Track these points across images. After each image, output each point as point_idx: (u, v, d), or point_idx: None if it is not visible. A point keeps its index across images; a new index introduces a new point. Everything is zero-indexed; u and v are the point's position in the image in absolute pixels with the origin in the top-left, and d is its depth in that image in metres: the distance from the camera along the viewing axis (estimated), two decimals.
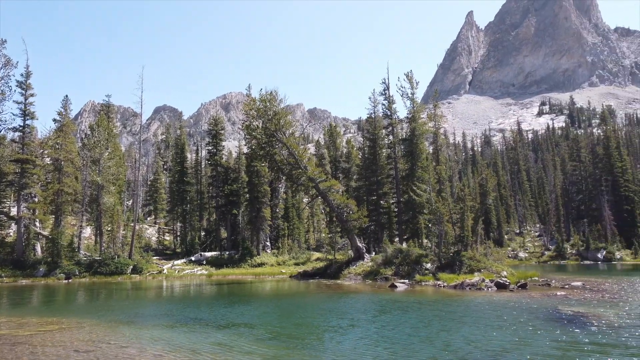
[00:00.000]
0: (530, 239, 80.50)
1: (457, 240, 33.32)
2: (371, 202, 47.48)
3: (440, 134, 54.33)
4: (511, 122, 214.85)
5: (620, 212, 71.83)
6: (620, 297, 21.32)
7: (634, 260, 62.72)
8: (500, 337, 12.60)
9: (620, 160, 75.86)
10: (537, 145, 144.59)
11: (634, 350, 10.61)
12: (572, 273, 41.52)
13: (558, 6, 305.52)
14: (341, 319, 16.14)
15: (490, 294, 23.57)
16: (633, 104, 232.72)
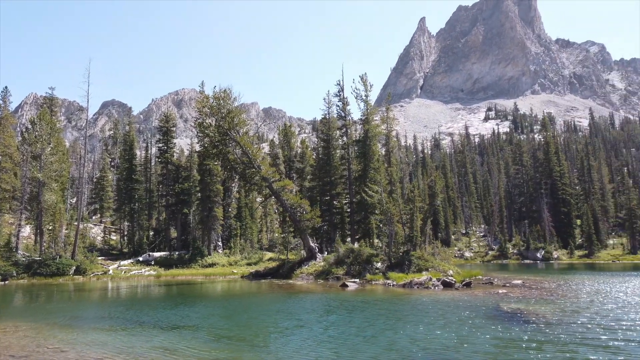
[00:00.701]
0: (475, 239, 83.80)
1: (407, 240, 34.20)
2: (324, 202, 47.84)
3: (392, 136, 55.53)
4: (460, 127, 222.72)
5: (558, 213, 76.19)
6: (557, 295, 22.63)
7: (569, 259, 66.70)
8: (443, 335, 12.93)
9: (559, 165, 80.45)
10: (484, 149, 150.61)
11: (567, 346, 11.21)
12: (513, 272, 43.62)
13: (504, 16, 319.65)
14: (289, 320, 16.13)
15: (437, 292, 24.39)
16: (571, 112, 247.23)
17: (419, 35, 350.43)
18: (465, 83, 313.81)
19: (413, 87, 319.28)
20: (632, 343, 11.40)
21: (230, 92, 37.60)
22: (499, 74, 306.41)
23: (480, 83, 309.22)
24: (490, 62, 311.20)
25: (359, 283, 29.30)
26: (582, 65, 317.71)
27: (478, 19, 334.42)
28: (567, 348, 10.93)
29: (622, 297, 21.51)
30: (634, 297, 21.24)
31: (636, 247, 68.61)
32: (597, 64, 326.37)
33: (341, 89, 47.71)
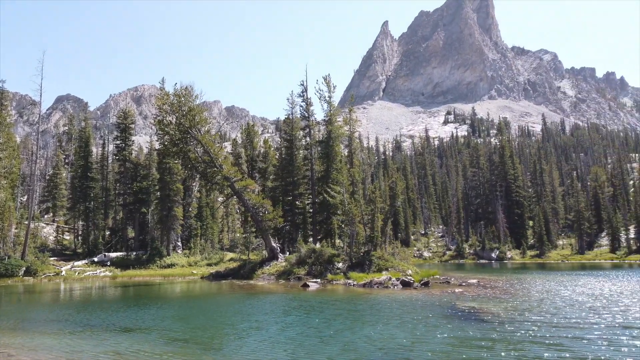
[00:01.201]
0: (434, 239, 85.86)
1: (368, 240, 34.68)
2: (287, 203, 47.80)
3: (355, 137, 56.10)
4: (420, 129, 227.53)
5: (512, 215, 79.17)
6: (510, 294, 23.55)
7: (522, 259, 69.44)
8: (399, 334, 13.11)
9: (513, 168, 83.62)
10: (443, 151, 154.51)
11: (518, 345, 11.62)
12: (469, 271, 45.03)
13: (464, 23, 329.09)
14: (246, 321, 15.99)
15: (396, 291, 24.88)
16: (525, 117, 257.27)
17: (382, 39, 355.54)
18: (426, 87, 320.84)
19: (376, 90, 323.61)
20: (581, 341, 11.91)
21: (192, 89, 37.00)
22: (458, 78, 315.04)
23: (440, 87, 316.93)
24: (450, 67, 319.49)
25: (320, 283, 29.47)
26: (535, 73, 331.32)
27: (439, 24, 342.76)
28: (518, 347, 11.30)
29: (570, 295, 22.62)
30: (581, 296, 22.37)
31: (583, 247, 72.21)
32: (549, 71, 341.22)
33: (305, 89, 47.83)
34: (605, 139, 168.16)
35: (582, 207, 75.90)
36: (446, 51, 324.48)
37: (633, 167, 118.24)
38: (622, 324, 14.09)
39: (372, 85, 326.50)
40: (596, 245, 74.70)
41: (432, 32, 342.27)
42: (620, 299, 20.64)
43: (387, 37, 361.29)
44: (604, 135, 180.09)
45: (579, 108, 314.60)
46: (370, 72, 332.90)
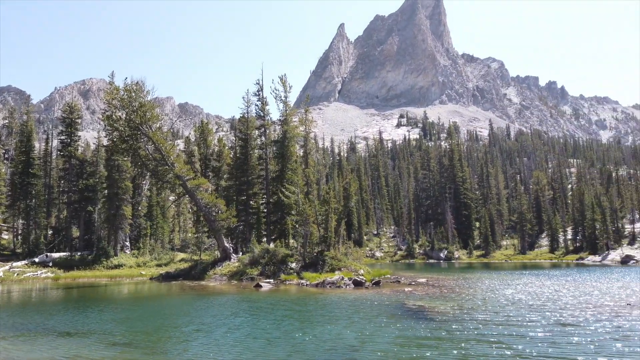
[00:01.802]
0: (385, 240, 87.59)
1: (321, 240, 34.98)
2: (241, 202, 47.33)
3: (310, 138, 56.33)
4: (374, 132, 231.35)
5: (460, 216, 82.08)
6: (456, 292, 24.47)
7: (468, 259, 72.14)
8: (349, 335, 13.27)
9: (462, 171, 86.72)
10: (396, 154, 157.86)
11: (463, 343, 12.07)
12: (419, 271, 46.33)
13: (417, 29, 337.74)
14: (194, 323, 15.66)
15: (348, 291, 25.27)
16: (473, 122, 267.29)
17: (338, 41, 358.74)
18: (381, 90, 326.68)
19: (331, 91, 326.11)
20: (522, 338, 12.50)
21: (143, 84, 35.96)
22: (411, 83, 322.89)
23: (394, 91, 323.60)
24: (403, 72, 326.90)
25: (273, 283, 29.44)
26: (484, 80, 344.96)
27: (393, 29, 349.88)
28: (463, 345, 11.70)
29: (513, 294, 23.78)
30: (522, 294, 23.58)
31: (525, 247, 75.96)
32: (497, 79, 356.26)
33: (260, 88, 47.54)
34: (546, 145, 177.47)
35: (525, 209, 79.83)
36: (400, 56, 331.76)
37: (571, 171, 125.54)
38: (560, 322, 14.90)
39: (328, 87, 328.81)
40: (537, 246, 78.78)
41: (387, 36, 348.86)
42: (558, 297, 21.94)
43: (343, 40, 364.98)
44: (546, 141, 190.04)
45: (523, 115, 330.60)
46: (326, 74, 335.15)
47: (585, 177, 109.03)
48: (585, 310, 17.28)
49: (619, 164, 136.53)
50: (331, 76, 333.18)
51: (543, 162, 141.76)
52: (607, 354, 10.66)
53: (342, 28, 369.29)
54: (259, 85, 47.47)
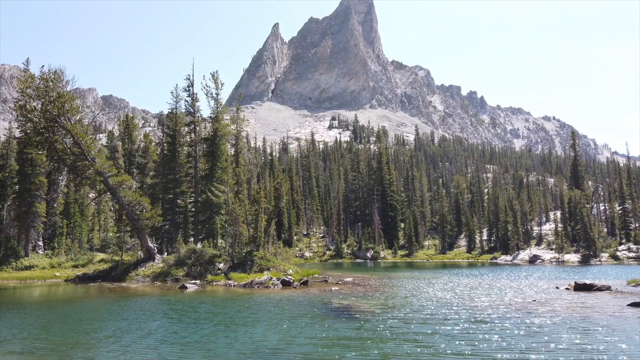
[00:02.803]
0: (315, 240, 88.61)
1: (251, 240, 34.78)
2: (167, 201, 45.79)
3: (242, 137, 55.71)
4: (306, 133, 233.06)
5: (386, 217, 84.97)
6: (381, 291, 25.38)
7: (393, 258, 74.88)
8: (273, 335, 13.25)
9: (389, 173, 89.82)
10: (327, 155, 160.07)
11: (383, 342, 12.44)
12: (346, 270, 47.40)
13: (350, 34, 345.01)
14: (106, 328, 14.86)
15: (276, 291, 25.36)
16: (401, 127, 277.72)
17: (272, 41, 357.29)
18: (314, 92, 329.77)
19: (265, 91, 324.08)
20: (441, 336, 13.14)
21: (62, 73, 33.75)
22: (343, 86, 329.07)
23: (326, 93, 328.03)
24: (336, 75, 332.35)
25: (199, 284, 28.83)
26: (411, 87, 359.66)
27: (327, 32, 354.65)
28: (386, 344, 12.04)
29: (433, 292, 25.10)
30: (442, 292, 24.94)
31: (445, 247, 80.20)
32: (423, 86, 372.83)
33: (191, 84, 46.31)
34: (466, 151, 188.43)
35: (446, 211, 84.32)
36: (333, 59, 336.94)
37: (488, 176, 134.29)
38: (476, 319, 15.86)
39: (261, 86, 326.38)
40: (456, 246, 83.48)
41: (320, 39, 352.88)
42: (475, 295, 23.47)
43: (278, 40, 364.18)
44: (466, 148, 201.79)
45: (447, 122, 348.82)
46: (259, 73, 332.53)
47: (500, 182, 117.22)
48: (497, 308, 18.61)
49: (530, 171, 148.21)
50: (265, 75, 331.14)
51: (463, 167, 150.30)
52: (519, 350, 11.45)
53: (277, 28, 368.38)
54: (189, 80, 46.23)
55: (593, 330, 14.05)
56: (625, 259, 61.08)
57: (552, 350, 11.46)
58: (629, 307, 18.74)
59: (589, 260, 60.45)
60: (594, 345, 11.96)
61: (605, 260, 60.18)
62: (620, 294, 23.19)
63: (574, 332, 13.66)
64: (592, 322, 15.27)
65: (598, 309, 18.38)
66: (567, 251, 64.59)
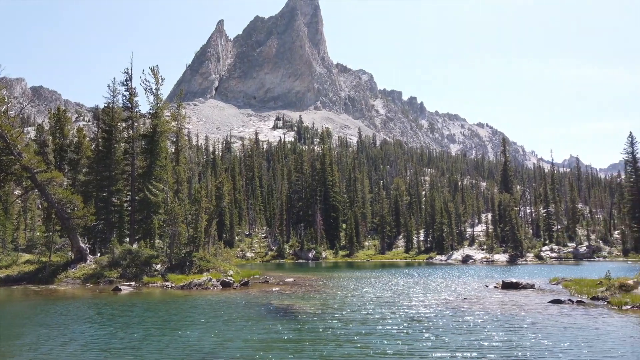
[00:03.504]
0: (257, 240, 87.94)
1: (190, 240, 34.01)
2: (101, 199, 43.73)
3: (183, 134, 54.27)
4: (250, 132, 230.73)
5: (328, 218, 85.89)
6: (321, 291, 25.70)
7: (334, 258, 75.84)
8: (209, 338, 12.95)
9: (332, 175, 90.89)
10: (271, 155, 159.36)
11: (321, 343, 12.57)
12: (288, 270, 47.48)
13: (296, 35, 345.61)
14: (22, 335, 13.96)
15: (216, 292, 25.00)
16: (344, 129, 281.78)
17: (216, 37, 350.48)
18: (258, 91, 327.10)
19: (208, 88, 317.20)
20: (380, 336, 13.48)
21: None
22: (288, 87, 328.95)
23: (271, 93, 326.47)
24: (281, 75, 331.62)
25: (134, 286, 27.84)
26: (355, 90, 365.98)
27: (273, 32, 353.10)
28: (324, 346, 12.12)
29: (372, 291, 25.75)
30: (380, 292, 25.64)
31: (384, 248, 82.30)
32: (366, 90, 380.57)
33: (129, 77, 44.53)
34: (406, 154, 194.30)
35: (385, 212, 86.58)
36: (279, 59, 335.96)
37: (426, 179, 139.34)
38: (413, 318, 16.44)
39: (204, 83, 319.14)
40: (394, 246, 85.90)
41: (266, 38, 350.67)
42: (412, 294, 24.33)
43: (222, 36, 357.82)
44: (406, 151, 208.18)
45: (388, 125, 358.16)
46: (203, 69, 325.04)
47: (437, 185, 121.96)
48: (433, 307, 19.43)
49: (464, 175, 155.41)
50: (208, 72, 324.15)
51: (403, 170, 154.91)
52: (454, 348, 12.01)
53: (222, 24, 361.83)
54: (127, 74, 44.46)
55: (519, 327, 15.05)
56: (548, 259, 65.62)
57: (483, 348, 12.12)
58: (550, 303, 20.27)
59: (516, 260, 64.32)
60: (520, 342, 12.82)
61: (530, 260, 64.32)
62: (543, 291, 24.96)
63: (503, 330, 14.56)
64: (519, 319, 16.37)
65: (523, 306, 19.70)
66: (497, 251, 68.37)
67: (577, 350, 11.91)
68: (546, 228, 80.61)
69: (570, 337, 13.54)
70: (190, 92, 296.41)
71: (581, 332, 14.17)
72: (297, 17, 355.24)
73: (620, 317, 16.85)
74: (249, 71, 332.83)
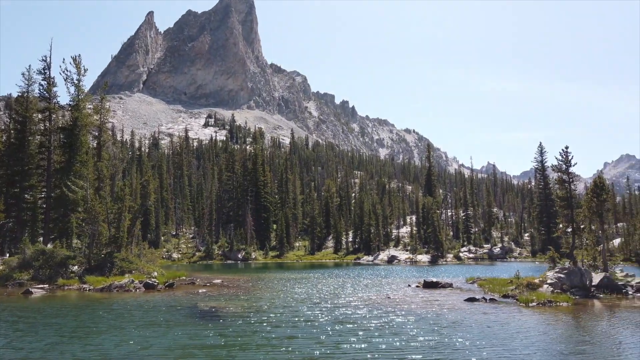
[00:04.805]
0: (184, 241, 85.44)
1: (112, 240, 32.42)
2: (12, 195, 40.43)
3: (107, 128, 51.58)
4: (180, 129, 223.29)
5: (259, 218, 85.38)
6: (249, 292, 25.58)
7: (264, 259, 75.51)
8: (124, 345, 12.31)
9: (264, 175, 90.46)
10: (201, 153, 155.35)
11: (246, 348, 12.33)
12: (216, 271, 46.63)
13: (229, 32, 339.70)
14: None
15: (138, 295, 24.07)
16: (277, 130, 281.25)
17: (145, 29, 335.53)
18: (189, 87, 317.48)
19: (135, 81, 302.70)
20: (308, 339, 13.57)
21: None
22: (221, 84, 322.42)
23: (203, 89, 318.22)
24: (214, 72, 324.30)
25: (48, 289, 26.07)
26: (289, 91, 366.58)
27: (206, 28, 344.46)
28: (249, 350, 11.98)
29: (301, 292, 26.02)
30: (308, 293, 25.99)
31: (314, 248, 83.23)
32: (300, 92, 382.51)
33: (47, 66, 41.59)
34: (337, 157, 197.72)
35: (316, 213, 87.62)
36: (211, 55, 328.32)
37: (356, 182, 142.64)
38: (341, 320, 16.69)
39: (131, 76, 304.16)
40: (324, 247, 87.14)
41: (198, 33, 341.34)
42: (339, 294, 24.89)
43: (152, 29, 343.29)
44: (337, 154, 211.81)
45: (320, 128, 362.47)
46: (130, 61, 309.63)
47: (366, 187, 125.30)
48: (359, 307, 19.97)
49: (392, 178, 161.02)
50: (136, 65, 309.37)
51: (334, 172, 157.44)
52: (382, 349, 12.35)
53: (151, 16, 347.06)
54: (45, 62, 41.55)
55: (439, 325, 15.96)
56: (466, 259, 69.78)
57: (406, 347, 12.62)
58: (465, 301, 21.69)
59: (437, 260, 67.75)
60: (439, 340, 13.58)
61: (450, 260, 68.05)
62: (460, 290, 26.60)
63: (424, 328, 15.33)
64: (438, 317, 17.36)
65: (442, 304, 20.91)
66: (420, 252, 71.58)
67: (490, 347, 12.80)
68: (465, 230, 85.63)
69: (483, 333, 14.63)
70: (116, 84, 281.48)
71: (493, 329, 15.35)
72: (232, 14, 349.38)
73: (527, 313, 18.43)
74: (180, 66, 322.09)
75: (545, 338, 13.99)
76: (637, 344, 13.24)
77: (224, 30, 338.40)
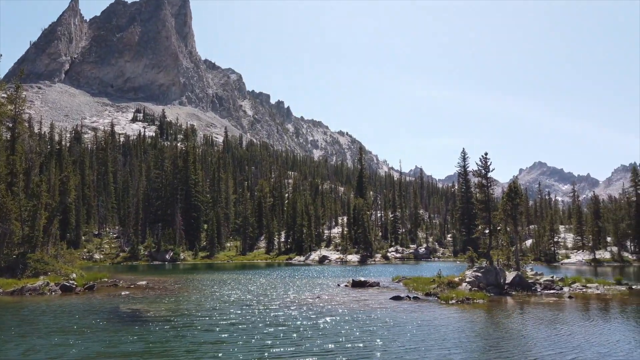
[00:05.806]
0: (108, 241, 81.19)
1: (25, 240, 30.21)
2: None
3: (22, 119, 47.76)
4: (105, 123, 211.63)
5: (189, 218, 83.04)
6: (175, 294, 24.90)
7: (194, 260, 73.63)
8: (32, 354, 11.58)
9: (195, 173, 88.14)
10: (128, 149, 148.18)
11: (168, 355, 11.94)
12: (141, 273, 44.81)
13: (161, 24, 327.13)
14: None
15: (53, 298, 22.68)
16: (210, 128, 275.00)
17: (69, 16, 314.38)
18: (117, 79, 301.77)
19: (57, 70, 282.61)
20: (235, 344, 13.39)
21: None
22: (151, 78, 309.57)
23: (132, 83, 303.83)
24: (144, 65, 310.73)
25: None
26: (223, 89, 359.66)
27: (136, 18, 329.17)
28: (173, 357, 11.65)
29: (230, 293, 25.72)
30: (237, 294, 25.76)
31: (246, 249, 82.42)
32: (234, 90, 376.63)
33: None
34: (272, 157, 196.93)
35: (249, 213, 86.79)
36: (141, 48, 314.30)
37: (289, 182, 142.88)
38: (272, 322, 16.59)
39: (52, 64, 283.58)
40: (256, 247, 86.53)
41: (128, 24, 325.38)
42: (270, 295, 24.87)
43: (77, 16, 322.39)
44: (271, 153, 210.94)
45: (255, 127, 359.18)
46: (51, 49, 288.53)
47: (300, 188, 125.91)
48: (290, 307, 20.11)
49: (325, 179, 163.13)
50: (57, 53, 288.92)
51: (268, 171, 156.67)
52: (314, 351, 12.47)
53: (76, 3, 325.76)
54: None
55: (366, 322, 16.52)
56: (393, 259, 72.32)
57: (338, 348, 12.83)
58: (391, 300, 22.61)
59: (366, 260, 69.61)
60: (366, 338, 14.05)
61: (378, 260, 70.19)
62: (386, 289, 27.61)
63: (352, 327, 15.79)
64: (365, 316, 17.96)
65: (369, 302, 21.63)
66: (350, 252, 73.18)
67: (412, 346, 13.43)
68: (393, 231, 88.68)
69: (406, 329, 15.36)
70: (34, 73, 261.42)
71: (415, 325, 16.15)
72: (164, 7, 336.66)
73: (447, 311, 19.55)
74: (107, 57, 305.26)
75: (462, 335, 14.93)
76: (544, 339, 14.51)
77: (156, 22, 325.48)
